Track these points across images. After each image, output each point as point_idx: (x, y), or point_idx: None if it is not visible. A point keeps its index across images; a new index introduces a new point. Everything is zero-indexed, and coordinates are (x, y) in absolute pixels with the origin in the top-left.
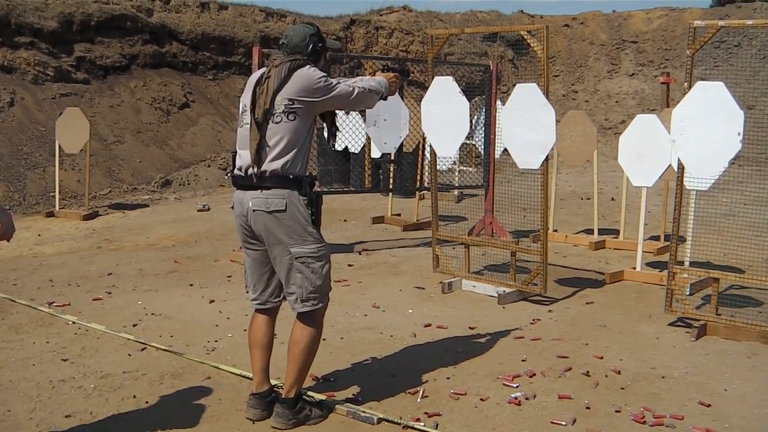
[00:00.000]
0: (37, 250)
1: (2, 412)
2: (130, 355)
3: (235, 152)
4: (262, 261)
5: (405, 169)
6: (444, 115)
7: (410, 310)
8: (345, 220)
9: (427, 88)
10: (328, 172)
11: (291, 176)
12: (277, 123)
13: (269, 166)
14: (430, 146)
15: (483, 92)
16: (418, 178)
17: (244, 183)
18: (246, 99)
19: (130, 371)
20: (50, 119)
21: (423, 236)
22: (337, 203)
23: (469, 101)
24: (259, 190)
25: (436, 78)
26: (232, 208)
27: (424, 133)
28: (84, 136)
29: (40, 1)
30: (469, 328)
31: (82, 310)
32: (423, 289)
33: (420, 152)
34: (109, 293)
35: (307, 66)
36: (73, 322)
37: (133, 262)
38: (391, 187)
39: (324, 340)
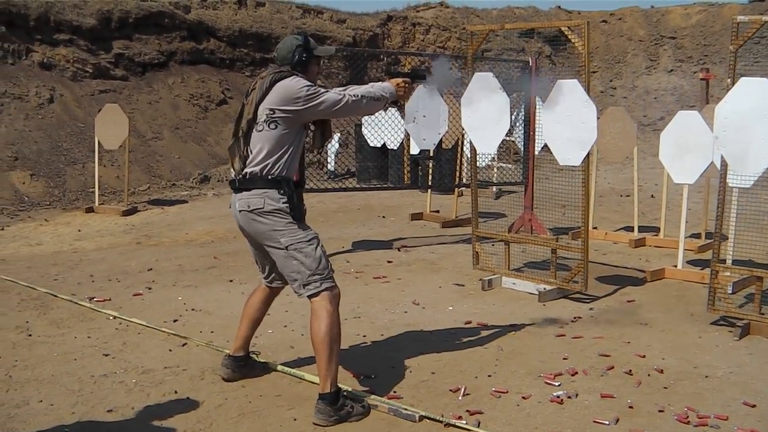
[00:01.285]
0: (77, 246)
1: (45, 405)
2: (170, 350)
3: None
4: (262, 250)
5: (444, 166)
6: (484, 112)
7: (450, 307)
8: (383, 217)
9: (464, 84)
10: (366, 168)
11: (270, 177)
12: (259, 131)
13: (250, 170)
14: (470, 143)
15: (520, 88)
16: (457, 174)
17: (233, 186)
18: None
19: (170, 366)
20: (89, 115)
21: (462, 233)
22: (375, 200)
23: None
24: (243, 192)
25: (476, 74)
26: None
27: (463, 130)
28: (123, 132)
29: None
30: (510, 325)
31: (123, 305)
32: (463, 286)
33: (459, 149)
34: (149, 289)
35: (292, 77)
36: (114, 317)
37: (172, 257)
38: (429, 183)
39: (364, 337)
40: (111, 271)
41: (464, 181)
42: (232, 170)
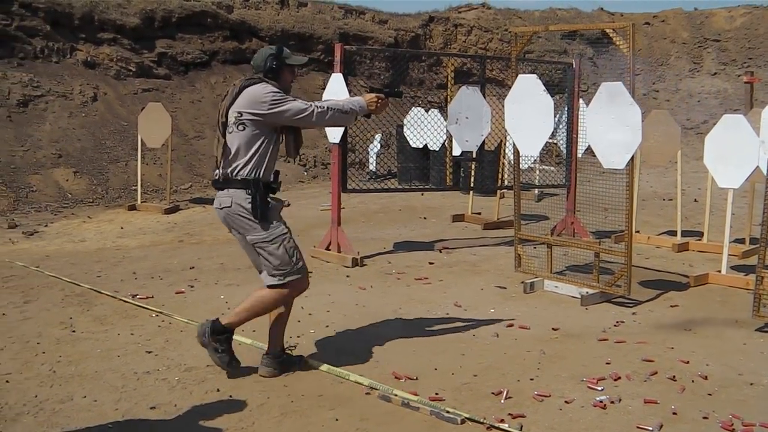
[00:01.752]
0: (119, 243)
1: (89, 401)
2: None
3: None
4: (244, 242)
5: (486, 168)
6: (528, 114)
7: (492, 310)
8: (425, 218)
9: (506, 86)
10: (407, 169)
11: (239, 178)
12: (230, 133)
13: (223, 170)
14: (513, 145)
15: (562, 90)
16: (499, 176)
17: (215, 185)
18: None
19: (213, 365)
20: (132, 114)
21: (503, 235)
22: (416, 200)
23: None
24: (219, 191)
25: (520, 76)
26: None
27: (506, 132)
28: (166, 131)
29: None
30: (552, 329)
31: (165, 302)
32: (505, 288)
33: (502, 151)
34: (192, 287)
35: (260, 83)
36: (157, 314)
37: (214, 256)
38: (471, 185)
39: (406, 338)
40: (153, 268)
41: (506, 183)
42: (215, 169)
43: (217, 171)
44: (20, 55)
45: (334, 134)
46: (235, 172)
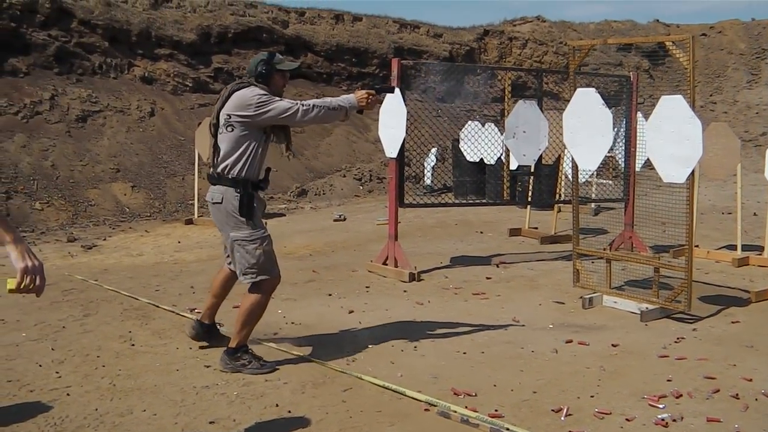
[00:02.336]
0: (177, 257)
1: (148, 415)
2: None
3: None
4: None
5: (543, 182)
6: (586, 128)
7: (550, 325)
8: (481, 232)
9: (562, 98)
10: (463, 183)
11: (230, 177)
12: (221, 134)
13: (216, 168)
14: (572, 159)
15: (618, 103)
16: (557, 190)
17: (209, 180)
18: None
19: (271, 380)
20: (189, 129)
21: (561, 249)
22: (472, 215)
23: None
24: (212, 186)
25: (579, 89)
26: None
27: (564, 146)
28: None
29: (179, 14)
30: (612, 345)
31: (222, 317)
32: (563, 303)
33: (559, 165)
34: None
35: (249, 87)
36: (226, 336)
37: None
38: (529, 199)
39: (464, 354)
40: (211, 282)
41: (563, 197)
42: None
43: (211, 169)
44: (79, 71)
45: (391, 149)
46: (226, 170)
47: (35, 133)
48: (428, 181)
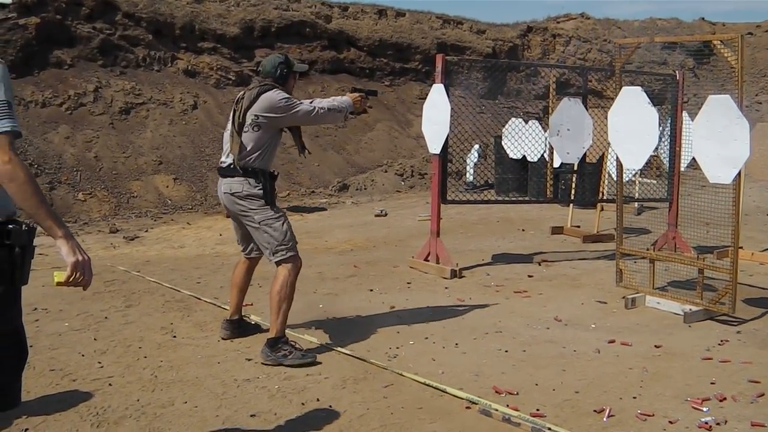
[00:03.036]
0: (218, 250)
1: (190, 407)
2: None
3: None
4: (243, 227)
5: (586, 180)
6: (632, 126)
7: (593, 325)
8: (523, 230)
9: (605, 96)
10: (505, 180)
11: (250, 169)
12: (245, 132)
13: (237, 162)
14: (616, 158)
15: (662, 102)
16: (600, 189)
17: (222, 173)
18: (231, 113)
19: (312, 374)
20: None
21: (603, 248)
22: (514, 212)
23: None
24: (229, 178)
25: (625, 88)
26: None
27: (608, 144)
28: None
29: (222, 8)
30: (655, 346)
31: (265, 310)
32: (605, 303)
33: (603, 163)
34: None
35: (274, 89)
36: (256, 323)
37: (312, 265)
38: (571, 197)
39: (506, 352)
40: (231, 278)
41: (606, 195)
42: (223, 158)
43: (227, 161)
44: (123, 64)
45: (435, 145)
46: (248, 163)
47: (79, 124)
48: (470, 178)
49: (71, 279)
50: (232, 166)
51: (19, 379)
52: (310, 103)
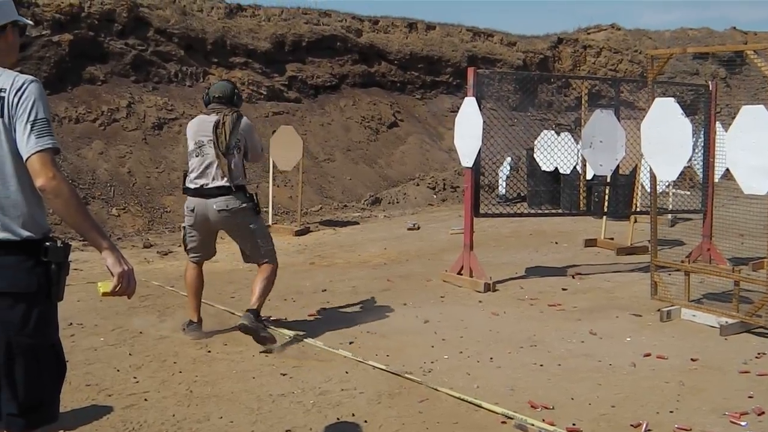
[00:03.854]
0: (251, 264)
1: (225, 422)
2: (347, 372)
3: (186, 172)
4: (210, 237)
5: (619, 192)
6: (665, 138)
7: (628, 338)
8: (556, 243)
9: (636, 107)
10: (537, 193)
11: (240, 185)
12: (231, 154)
13: (232, 181)
14: (650, 169)
15: (694, 112)
16: (634, 201)
17: (207, 193)
18: (202, 137)
19: (347, 389)
20: (263, 137)
21: (637, 261)
22: (547, 225)
23: None
24: (223, 197)
25: (658, 99)
26: (192, 210)
27: (641, 156)
28: (297, 154)
29: (253, 23)
30: (691, 359)
31: (298, 325)
32: (640, 316)
33: (636, 175)
34: (324, 309)
35: (244, 116)
36: (290, 338)
37: (345, 279)
38: (605, 210)
39: (541, 366)
40: (285, 290)
41: (639, 207)
42: (208, 181)
43: (217, 183)
44: (155, 79)
45: (467, 158)
46: (237, 181)
47: (112, 140)
48: (502, 191)
49: (118, 289)
50: (224, 186)
51: (58, 393)
52: None
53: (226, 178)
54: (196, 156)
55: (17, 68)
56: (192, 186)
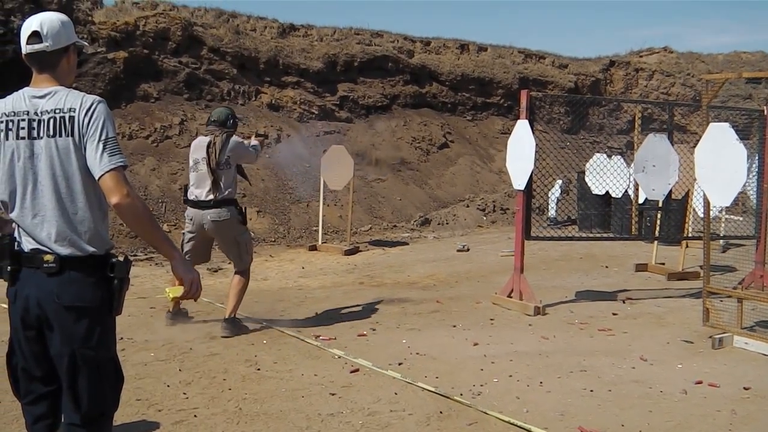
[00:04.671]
0: (301, 283)
1: None
2: (396, 393)
3: (187, 185)
4: (205, 244)
5: (671, 217)
6: (719, 163)
7: (679, 365)
8: (606, 267)
9: (689, 131)
10: (588, 216)
11: (230, 198)
12: (221, 170)
13: (219, 195)
14: (703, 194)
15: (747, 137)
16: (686, 226)
17: (203, 205)
18: (198, 155)
19: (396, 410)
20: (314, 156)
21: (689, 286)
22: (597, 249)
23: None
24: (214, 208)
25: (712, 124)
26: (191, 219)
27: (694, 180)
28: (348, 174)
29: (306, 42)
30: (743, 388)
31: (348, 345)
32: (692, 343)
33: (689, 200)
34: (374, 330)
35: (234, 136)
36: (339, 357)
37: (395, 300)
38: (657, 234)
39: (591, 391)
40: (335, 309)
41: (691, 233)
42: (202, 194)
43: (211, 196)
44: (208, 97)
45: (519, 181)
46: (225, 195)
47: (165, 156)
48: (552, 214)
49: (189, 293)
50: (217, 199)
51: (116, 406)
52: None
53: (217, 192)
54: (193, 171)
55: (73, 86)
56: (190, 198)
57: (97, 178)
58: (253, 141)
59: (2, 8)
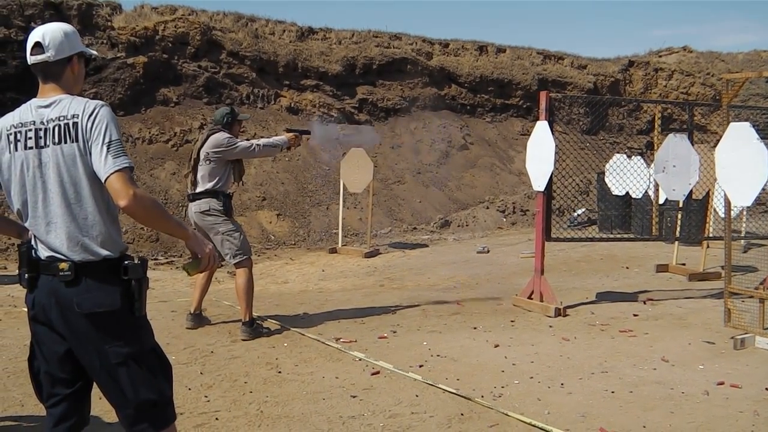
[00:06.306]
0: (321, 286)
1: None
2: (417, 395)
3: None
4: (208, 238)
5: (692, 217)
6: (740, 163)
7: (701, 366)
8: (627, 268)
9: (708, 131)
10: (608, 217)
11: (212, 191)
12: (201, 165)
13: (200, 188)
14: (724, 194)
15: (767, 137)
16: (706, 226)
17: (189, 198)
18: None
19: (417, 412)
20: (334, 159)
21: (710, 287)
22: (618, 249)
23: None
24: (195, 201)
25: (732, 124)
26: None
27: (715, 180)
28: (367, 177)
29: (324, 46)
30: (765, 389)
31: (369, 347)
32: (713, 344)
33: (709, 200)
34: (394, 332)
35: (220, 132)
36: (360, 359)
37: (415, 301)
38: (677, 235)
39: (612, 393)
40: (356, 312)
41: (712, 233)
42: (188, 188)
43: (191, 188)
44: (227, 101)
45: (539, 182)
46: (208, 188)
47: (185, 161)
48: (579, 212)
49: (205, 265)
50: (198, 192)
51: (171, 393)
52: (251, 140)
53: (197, 186)
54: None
55: (93, 90)
56: (188, 192)
57: (103, 181)
58: (277, 137)
59: (22, 14)
